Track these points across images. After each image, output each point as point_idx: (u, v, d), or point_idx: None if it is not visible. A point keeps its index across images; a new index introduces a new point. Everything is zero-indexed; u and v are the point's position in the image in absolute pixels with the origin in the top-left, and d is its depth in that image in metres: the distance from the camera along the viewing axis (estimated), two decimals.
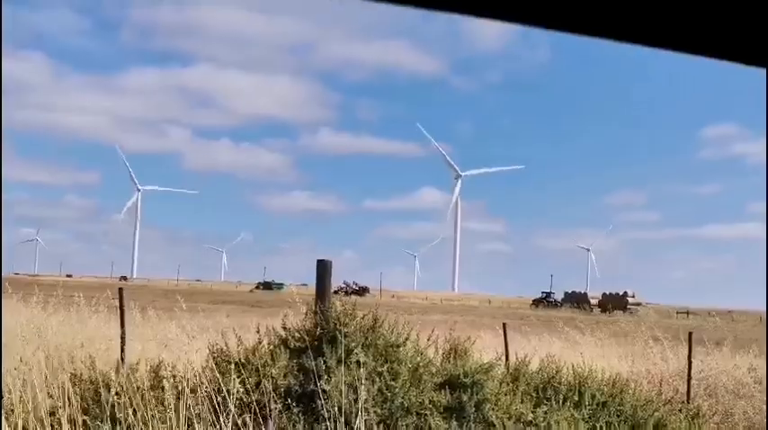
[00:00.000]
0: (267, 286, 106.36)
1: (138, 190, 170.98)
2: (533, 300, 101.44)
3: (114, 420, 6.90)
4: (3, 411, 6.99)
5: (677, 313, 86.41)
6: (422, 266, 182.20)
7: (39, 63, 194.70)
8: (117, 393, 7.13)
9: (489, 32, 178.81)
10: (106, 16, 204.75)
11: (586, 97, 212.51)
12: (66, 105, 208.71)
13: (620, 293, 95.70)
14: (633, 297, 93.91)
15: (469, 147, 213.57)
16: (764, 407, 10.84)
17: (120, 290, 8.47)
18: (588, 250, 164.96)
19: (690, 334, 11.82)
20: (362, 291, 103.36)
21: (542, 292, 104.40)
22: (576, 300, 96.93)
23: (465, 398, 8.46)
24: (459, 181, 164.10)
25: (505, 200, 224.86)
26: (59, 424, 6.97)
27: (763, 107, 1.94)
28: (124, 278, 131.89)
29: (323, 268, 8.66)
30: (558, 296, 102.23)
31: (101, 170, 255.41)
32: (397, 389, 8.06)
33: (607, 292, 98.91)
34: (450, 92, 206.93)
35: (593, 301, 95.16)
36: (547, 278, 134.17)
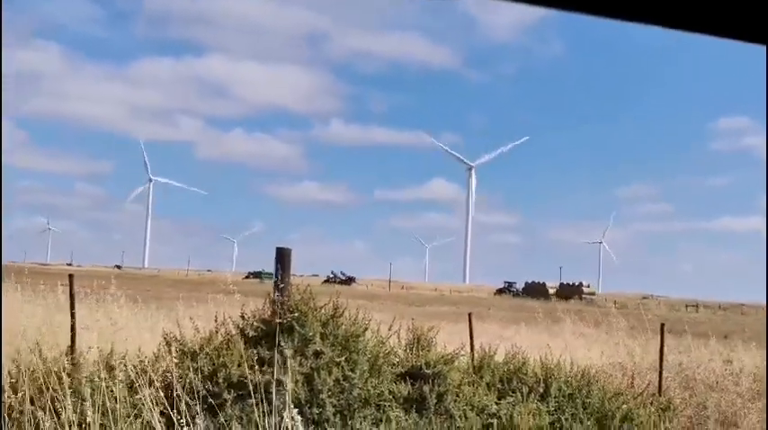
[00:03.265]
0: (257, 276, 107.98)
1: (150, 180, 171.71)
2: (497, 290, 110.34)
3: (55, 410, 6.79)
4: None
5: (686, 306, 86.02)
6: (433, 258, 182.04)
7: (53, 52, 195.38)
8: (63, 382, 7.03)
9: (502, 24, 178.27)
10: (120, 6, 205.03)
11: (599, 90, 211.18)
12: (79, 94, 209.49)
13: (576, 284, 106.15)
14: (588, 287, 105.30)
15: (481, 138, 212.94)
16: (737, 400, 10.70)
17: (71, 276, 8.38)
18: (601, 242, 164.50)
19: (662, 325, 11.64)
20: (349, 280, 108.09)
21: (505, 282, 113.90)
22: (536, 289, 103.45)
23: (426, 389, 8.33)
24: (473, 171, 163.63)
25: (518, 192, 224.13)
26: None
27: (763, 85, 1.88)
28: (118, 267, 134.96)
29: (282, 256, 8.54)
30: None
31: (114, 159, 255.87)
32: (355, 380, 7.93)
33: (564, 283, 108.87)
34: (462, 84, 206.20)
35: (552, 291, 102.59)
36: (558, 270, 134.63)
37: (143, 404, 7.15)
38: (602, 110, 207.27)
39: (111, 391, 7.14)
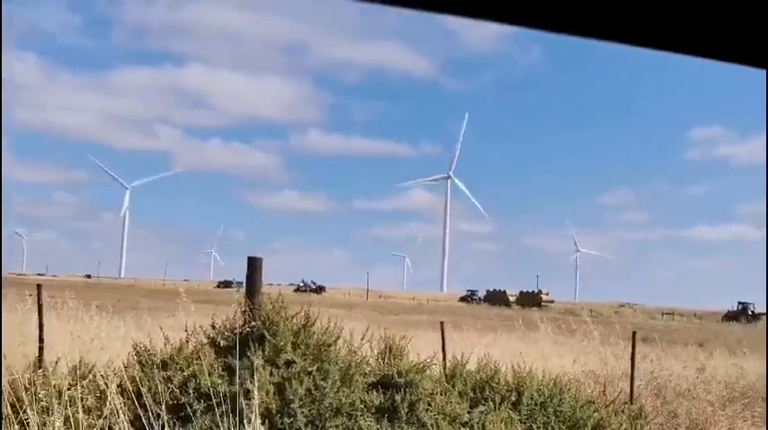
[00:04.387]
0: (227, 285, 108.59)
1: (126, 188, 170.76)
2: (460, 298, 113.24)
3: (22, 422, 6.71)
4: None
5: (663, 314, 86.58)
6: (411, 266, 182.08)
7: (29, 61, 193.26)
8: (33, 393, 6.95)
9: (481, 33, 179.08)
10: (98, 14, 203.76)
11: (577, 99, 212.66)
12: (57, 104, 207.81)
13: (536, 291, 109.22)
14: (547, 294, 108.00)
15: (462, 147, 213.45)
16: (708, 407, 10.79)
17: (39, 286, 8.29)
18: (578, 251, 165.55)
19: (633, 333, 11.70)
20: (319, 289, 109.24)
21: (467, 290, 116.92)
22: (497, 297, 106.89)
23: (398, 398, 8.30)
24: (452, 180, 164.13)
25: (496, 200, 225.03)
26: None
27: (763, 107, 1.89)
28: (88, 276, 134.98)
29: (253, 265, 8.51)
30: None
31: (91, 168, 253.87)
32: (326, 390, 7.89)
33: (524, 290, 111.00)
34: (442, 92, 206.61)
35: (512, 299, 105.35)
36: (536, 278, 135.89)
37: (112, 414, 7.09)
38: (580, 119, 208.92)
39: (81, 401, 7.07)
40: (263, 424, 7.46)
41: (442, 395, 8.64)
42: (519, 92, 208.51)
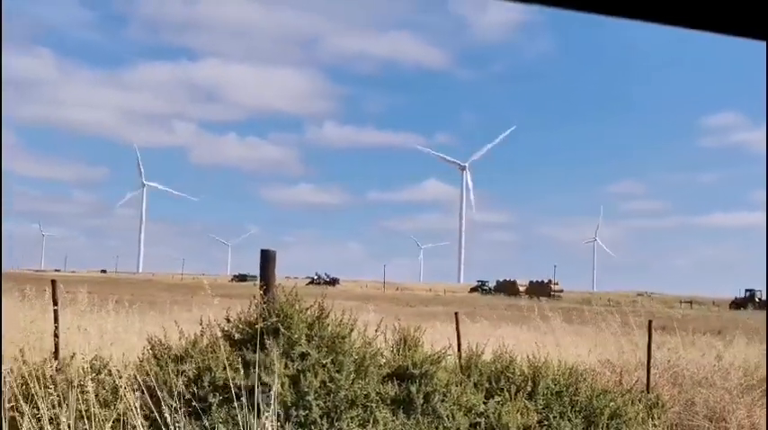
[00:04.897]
0: (242, 278, 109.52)
1: (143, 184, 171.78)
2: (471, 288, 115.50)
3: (35, 416, 6.75)
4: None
5: (681, 302, 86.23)
6: (427, 258, 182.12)
7: (46, 58, 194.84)
8: (47, 387, 6.99)
9: (492, 23, 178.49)
10: (113, 10, 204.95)
11: (588, 87, 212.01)
12: (73, 100, 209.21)
13: (545, 281, 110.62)
14: (557, 284, 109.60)
15: (473, 137, 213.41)
16: (726, 395, 10.72)
17: (53, 281, 8.33)
18: (595, 240, 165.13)
19: (650, 322, 11.65)
20: (333, 281, 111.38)
21: (478, 281, 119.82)
22: (507, 287, 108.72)
23: (413, 389, 8.30)
24: (466, 171, 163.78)
25: (510, 190, 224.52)
26: None
27: (763, 80, 1.87)
28: (103, 271, 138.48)
29: (266, 258, 8.51)
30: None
31: (108, 165, 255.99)
32: (341, 381, 7.89)
33: (533, 280, 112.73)
34: (454, 83, 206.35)
35: (522, 289, 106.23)
36: (552, 268, 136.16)
37: (128, 408, 7.12)
38: (592, 107, 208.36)
39: (96, 396, 7.11)
40: (278, 416, 7.48)
41: (457, 386, 8.62)
42: (530, 81, 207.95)
